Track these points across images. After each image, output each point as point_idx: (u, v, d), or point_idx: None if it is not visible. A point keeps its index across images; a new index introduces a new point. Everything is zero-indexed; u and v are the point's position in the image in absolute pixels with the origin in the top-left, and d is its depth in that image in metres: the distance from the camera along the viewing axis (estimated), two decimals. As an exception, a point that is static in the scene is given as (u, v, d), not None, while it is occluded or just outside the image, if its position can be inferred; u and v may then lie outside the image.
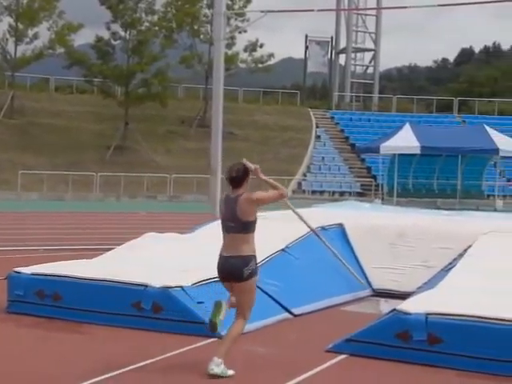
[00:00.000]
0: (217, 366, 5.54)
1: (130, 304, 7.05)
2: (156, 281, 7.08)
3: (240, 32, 36.21)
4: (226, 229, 5.75)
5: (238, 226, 5.67)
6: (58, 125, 38.56)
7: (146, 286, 7.04)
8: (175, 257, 8.38)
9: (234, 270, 5.67)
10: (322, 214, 10.75)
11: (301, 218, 8.66)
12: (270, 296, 7.79)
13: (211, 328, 5.62)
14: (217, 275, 5.89)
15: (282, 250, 8.68)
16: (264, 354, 6.37)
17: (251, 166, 5.87)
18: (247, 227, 5.71)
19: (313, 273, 8.70)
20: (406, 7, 8.81)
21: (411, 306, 6.08)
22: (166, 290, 6.93)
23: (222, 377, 5.54)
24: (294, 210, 8.52)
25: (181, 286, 7.00)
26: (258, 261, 8.07)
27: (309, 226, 8.86)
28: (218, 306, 5.62)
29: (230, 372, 5.62)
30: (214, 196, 11.20)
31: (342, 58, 55.18)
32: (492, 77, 70.92)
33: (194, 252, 8.50)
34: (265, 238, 8.90)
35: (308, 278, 8.55)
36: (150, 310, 6.97)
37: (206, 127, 34.51)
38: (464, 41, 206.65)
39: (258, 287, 7.76)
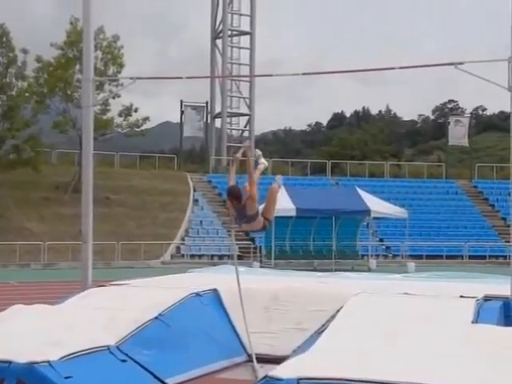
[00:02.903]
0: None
1: (-8, 383, 6.65)
2: (21, 356, 6.73)
3: (114, 97, 36.17)
4: (242, 222, 8.55)
5: (250, 218, 8.40)
6: None
7: (10, 362, 6.66)
8: (43, 330, 8.01)
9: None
10: (197, 280, 10.67)
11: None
12: (142, 367, 7.59)
13: None
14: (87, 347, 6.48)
15: (155, 317, 8.49)
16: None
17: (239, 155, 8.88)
18: (256, 216, 8.45)
19: (187, 340, 8.57)
20: (272, 75, 9.06)
21: (283, 371, 6.05)
22: (31, 365, 6.59)
23: None
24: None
25: (48, 361, 6.68)
26: (130, 331, 7.94)
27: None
28: None
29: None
30: (86, 264, 10.86)
31: (218, 122, 56.04)
32: (362, 140, 73.91)
33: (63, 324, 8.18)
34: (137, 306, 8.77)
35: (182, 346, 8.40)
36: (15, 388, 6.60)
37: (81, 193, 33.93)
38: (336, 106, 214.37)
39: (130, 358, 7.59)
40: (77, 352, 6.94)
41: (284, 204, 30.41)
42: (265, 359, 8.78)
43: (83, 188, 10.94)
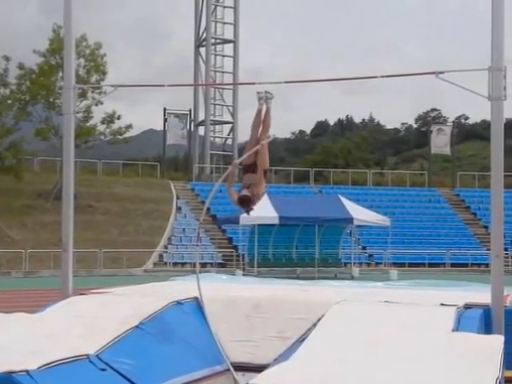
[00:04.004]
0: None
1: (-32, 394, 6.57)
2: (-1, 365, 6.66)
3: (96, 104, 36.13)
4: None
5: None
6: None
7: (-12, 371, 6.60)
8: (23, 338, 7.95)
9: None
10: (178, 288, 10.63)
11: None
12: (122, 376, 7.52)
13: None
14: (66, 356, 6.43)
15: (136, 326, 8.44)
16: None
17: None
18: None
19: (168, 349, 8.51)
20: (255, 83, 9.07)
21: (264, 379, 6.03)
22: (9, 375, 6.51)
23: None
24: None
25: (26, 370, 6.60)
26: (110, 340, 7.88)
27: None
28: None
29: None
30: (66, 272, 10.78)
31: (201, 130, 56.05)
32: (345, 148, 74.08)
33: (43, 332, 8.11)
34: (118, 315, 8.71)
35: (164, 355, 8.34)
36: (-8, 399, 6.53)
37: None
38: (319, 114, 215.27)
39: (110, 367, 7.53)
40: (56, 361, 6.87)
41: (267, 212, 30.45)
42: (246, 367, 8.75)
43: (64, 195, 10.86)
